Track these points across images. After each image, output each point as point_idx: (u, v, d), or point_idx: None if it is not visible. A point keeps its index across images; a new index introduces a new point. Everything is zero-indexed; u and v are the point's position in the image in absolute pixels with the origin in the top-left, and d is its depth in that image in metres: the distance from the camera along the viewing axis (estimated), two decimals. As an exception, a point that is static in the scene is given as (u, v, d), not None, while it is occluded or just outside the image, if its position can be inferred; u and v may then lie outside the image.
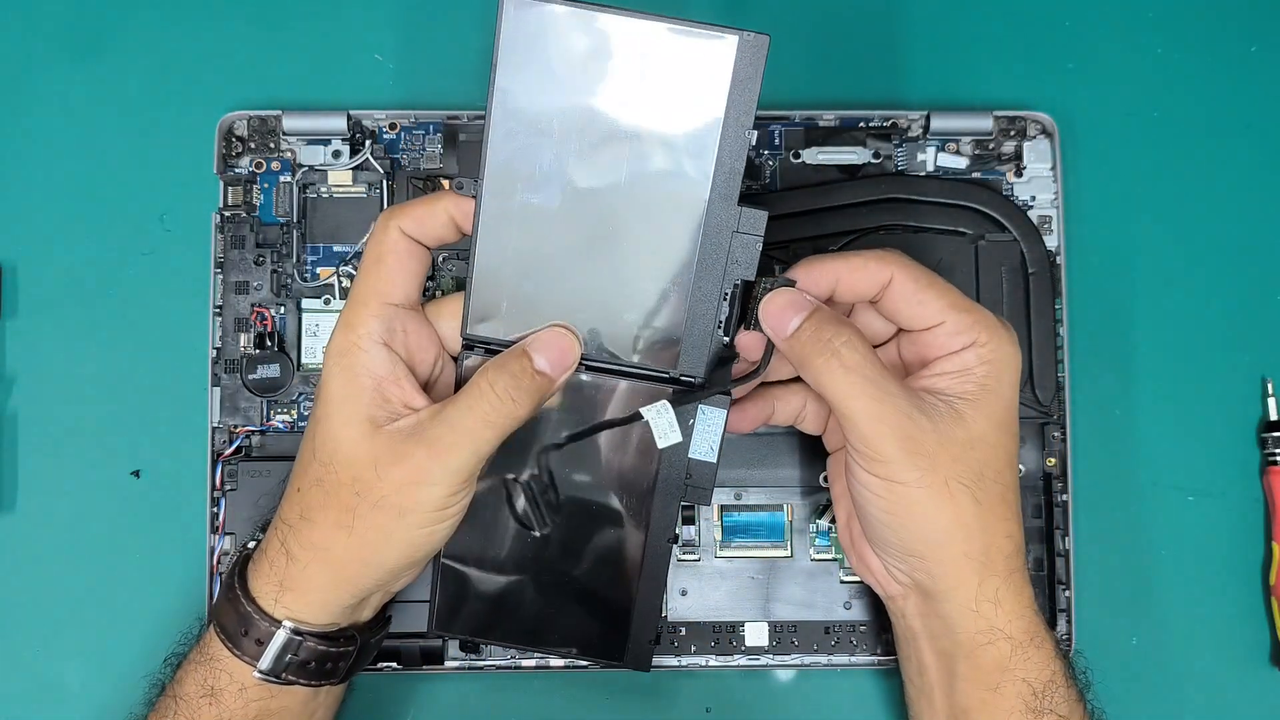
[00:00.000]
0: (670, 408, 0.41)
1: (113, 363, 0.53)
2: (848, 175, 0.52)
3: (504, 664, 0.51)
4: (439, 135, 0.52)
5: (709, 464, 0.43)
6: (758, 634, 0.51)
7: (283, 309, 0.51)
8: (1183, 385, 0.53)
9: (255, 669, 0.42)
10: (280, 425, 0.51)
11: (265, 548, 0.43)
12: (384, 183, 0.52)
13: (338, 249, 0.52)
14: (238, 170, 0.52)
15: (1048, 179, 0.52)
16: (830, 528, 0.51)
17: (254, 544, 0.45)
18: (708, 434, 0.43)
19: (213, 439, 0.51)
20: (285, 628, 0.41)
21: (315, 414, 0.42)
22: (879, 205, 0.51)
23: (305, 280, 0.51)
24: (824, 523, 0.51)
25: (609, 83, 0.40)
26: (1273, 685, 0.52)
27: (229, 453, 0.50)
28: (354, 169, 0.52)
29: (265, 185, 0.52)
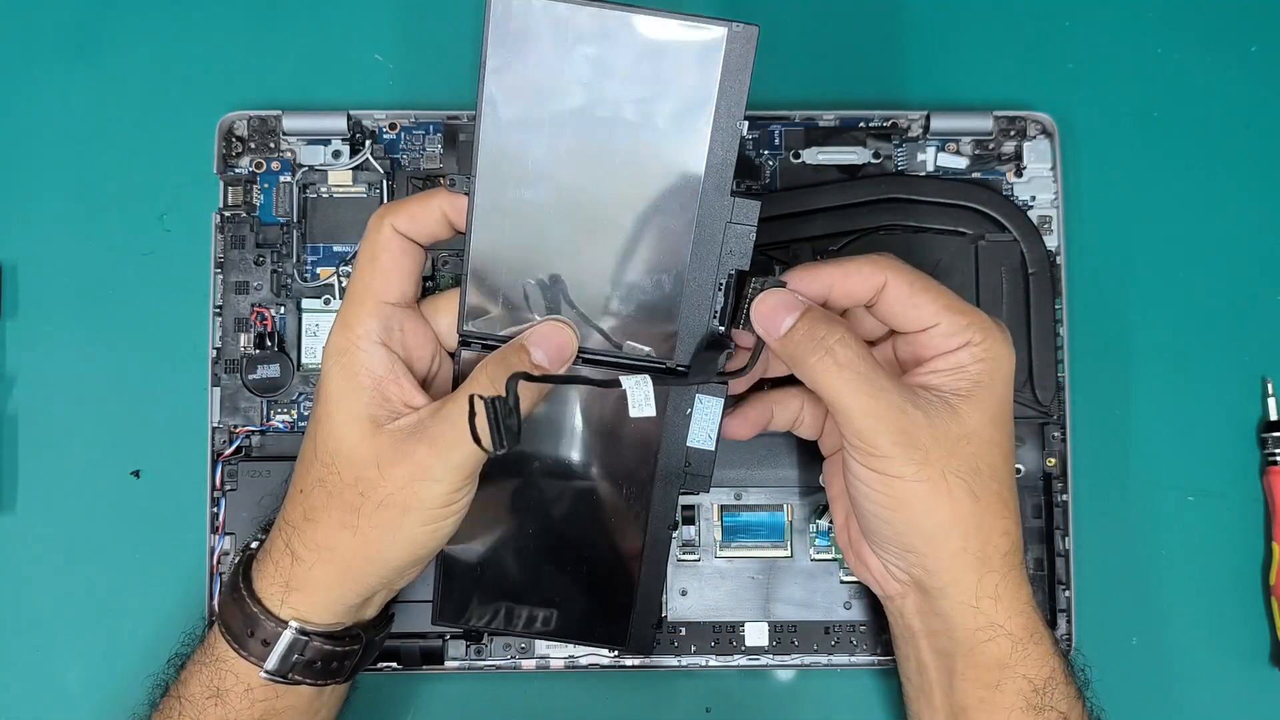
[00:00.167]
0: (650, 381, 0.41)
1: (113, 363, 0.53)
2: (848, 175, 0.52)
3: (504, 664, 0.51)
4: (439, 135, 0.52)
5: (708, 452, 0.44)
6: (758, 634, 0.51)
7: (283, 309, 0.51)
8: (1182, 385, 0.53)
9: (262, 669, 0.42)
10: (280, 425, 0.51)
11: (269, 549, 0.43)
12: (384, 183, 0.52)
13: (338, 249, 0.52)
14: (238, 170, 0.52)
15: (1048, 179, 0.52)
16: (830, 528, 0.51)
17: (256, 544, 0.45)
18: (705, 422, 0.43)
19: (213, 439, 0.51)
20: (291, 628, 0.42)
21: (315, 414, 0.42)
22: (879, 205, 0.51)
23: (305, 280, 0.51)
24: (824, 523, 0.51)
25: (599, 76, 0.39)
26: (1273, 685, 0.52)
27: (229, 453, 0.50)
28: (354, 169, 0.52)
29: (265, 185, 0.52)
